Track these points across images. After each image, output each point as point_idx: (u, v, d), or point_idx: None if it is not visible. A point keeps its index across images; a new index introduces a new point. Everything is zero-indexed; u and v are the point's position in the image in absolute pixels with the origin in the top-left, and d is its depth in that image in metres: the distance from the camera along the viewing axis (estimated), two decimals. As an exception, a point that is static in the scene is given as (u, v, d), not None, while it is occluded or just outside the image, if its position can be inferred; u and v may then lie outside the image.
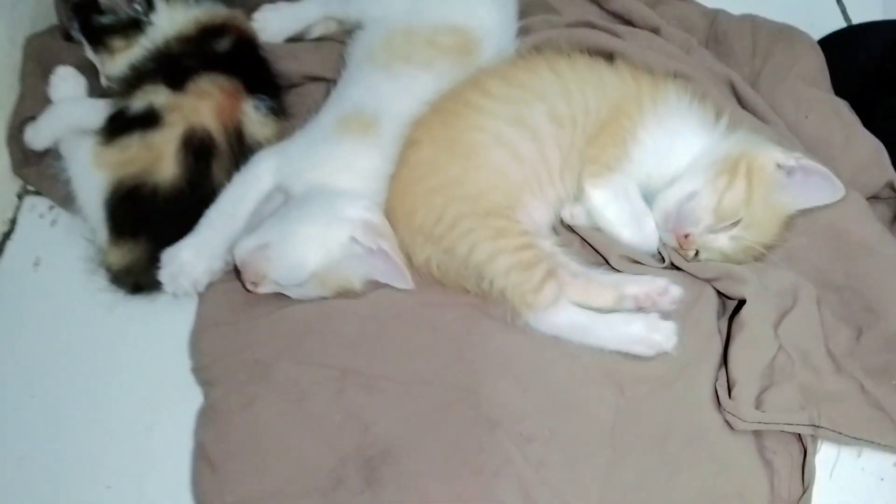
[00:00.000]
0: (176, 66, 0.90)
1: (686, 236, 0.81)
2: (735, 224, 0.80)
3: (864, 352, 0.79)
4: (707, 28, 1.06)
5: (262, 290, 0.83)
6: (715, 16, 1.06)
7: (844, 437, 0.76)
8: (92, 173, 0.86)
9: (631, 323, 0.79)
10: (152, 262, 0.84)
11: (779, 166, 0.81)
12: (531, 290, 0.79)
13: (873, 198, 0.88)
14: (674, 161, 0.85)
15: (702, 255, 0.83)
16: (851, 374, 0.78)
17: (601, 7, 1.07)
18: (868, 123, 0.91)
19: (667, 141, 0.85)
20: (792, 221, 0.83)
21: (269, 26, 1.04)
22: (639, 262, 0.84)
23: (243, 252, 0.82)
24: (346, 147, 0.87)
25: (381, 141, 0.87)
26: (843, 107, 0.92)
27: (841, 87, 0.95)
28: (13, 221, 0.98)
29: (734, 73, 0.96)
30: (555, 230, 0.89)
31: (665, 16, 1.05)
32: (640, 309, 0.81)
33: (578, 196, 0.85)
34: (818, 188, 0.82)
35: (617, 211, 0.83)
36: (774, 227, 0.82)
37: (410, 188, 0.85)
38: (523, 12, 1.02)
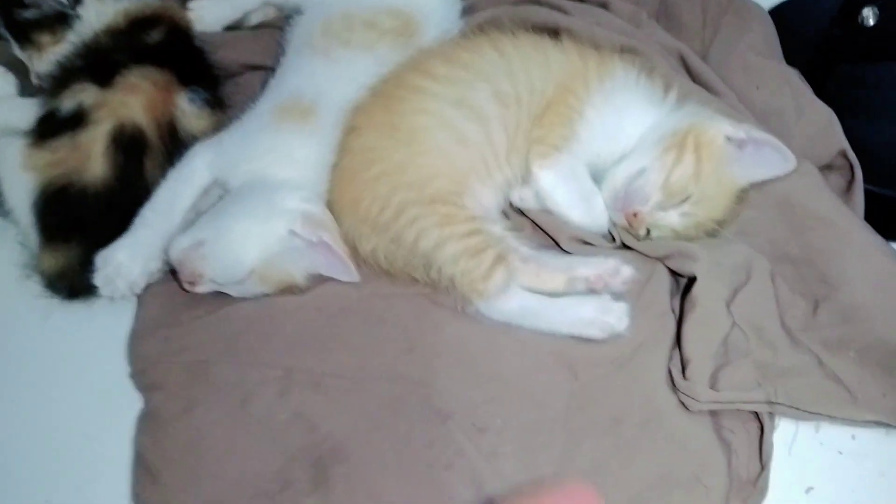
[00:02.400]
0: (104, 61, 0.87)
1: (635, 215, 0.79)
2: (685, 200, 0.78)
3: (821, 325, 0.77)
4: (657, 1, 1.03)
5: (199, 289, 0.80)
6: (664, -12, 1.03)
7: (802, 413, 0.74)
8: (20, 176, 0.83)
9: (582, 305, 0.77)
10: (87, 265, 0.81)
11: (728, 139, 0.79)
12: (480, 277, 0.77)
13: (826, 167, 0.86)
14: (622, 138, 0.82)
15: (653, 234, 0.81)
16: (808, 348, 0.76)
17: (548, -18, 1.03)
18: (820, 92, 0.88)
19: (615, 118, 0.82)
20: (744, 195, 0.81)
21: (206, 15, 1.00)
22: (589, 244, 0.82)
23: (178, 251, 0.79)
24: (284, 136, 0.83)
25: (321, 129, 0.84)
26: (794, 76, 0.89)
27: (792, 56, 0.93)
28: (-59, 227, 0.94)
29: (684, 45, 0.93)
30: (505, 214, 0.86)
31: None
32: (592, 291, 0.79)
33: (526, 178, 0.83)
34: (769, 160, 0.80)
35: (565, 192, 0.81)
36: (726, 201, 0.80)
37: (353, 177, 0.82)
38: (467, -11, 0.99)
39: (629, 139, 0.82)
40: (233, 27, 1.03)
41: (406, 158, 0.80)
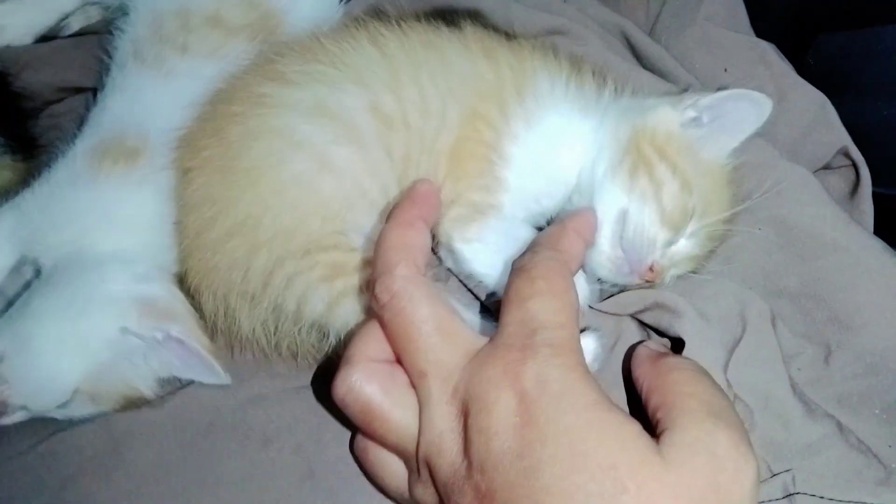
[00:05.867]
0: None
1: (651, 269, 0.59)
2: (690, 220, 0.60)
3: (836, 376, 0.60)
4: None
5: (6, 421, 0.57)
6: (593, -53, 0.83)
7: (829, 502, 0.57)
8: None
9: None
10: None
11: (683, 123, 0.61)
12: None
13: (823, 168, 0.68)
14: (563, 171, 0.62)
15: (671, 274, 0.61)
16: (825, 412, 0.59)
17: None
18: (797, 70, 0.70)
19: (546, 148, 0.61)
20: (732, 175, 0.63)
21: (8, 23, 0.77)
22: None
23: (-33, 371, 0.56)
24: (104, 190, 0.61)
25: (155, 175, 0.62)
26: (770, 52, 0.70)
27: (762, 25, 0.74)
28: None
29: (627, 21, 0.74)
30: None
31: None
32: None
33: (447, 246, 0.61)
34: (739, 117, 0.61)
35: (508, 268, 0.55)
36: (723, 192, 0.62)
37: (199, 239, 0.59)
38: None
39: (570, 169, 0.62)
40: (47, 37, 0.79)
41: (254, 205, 0.58)
